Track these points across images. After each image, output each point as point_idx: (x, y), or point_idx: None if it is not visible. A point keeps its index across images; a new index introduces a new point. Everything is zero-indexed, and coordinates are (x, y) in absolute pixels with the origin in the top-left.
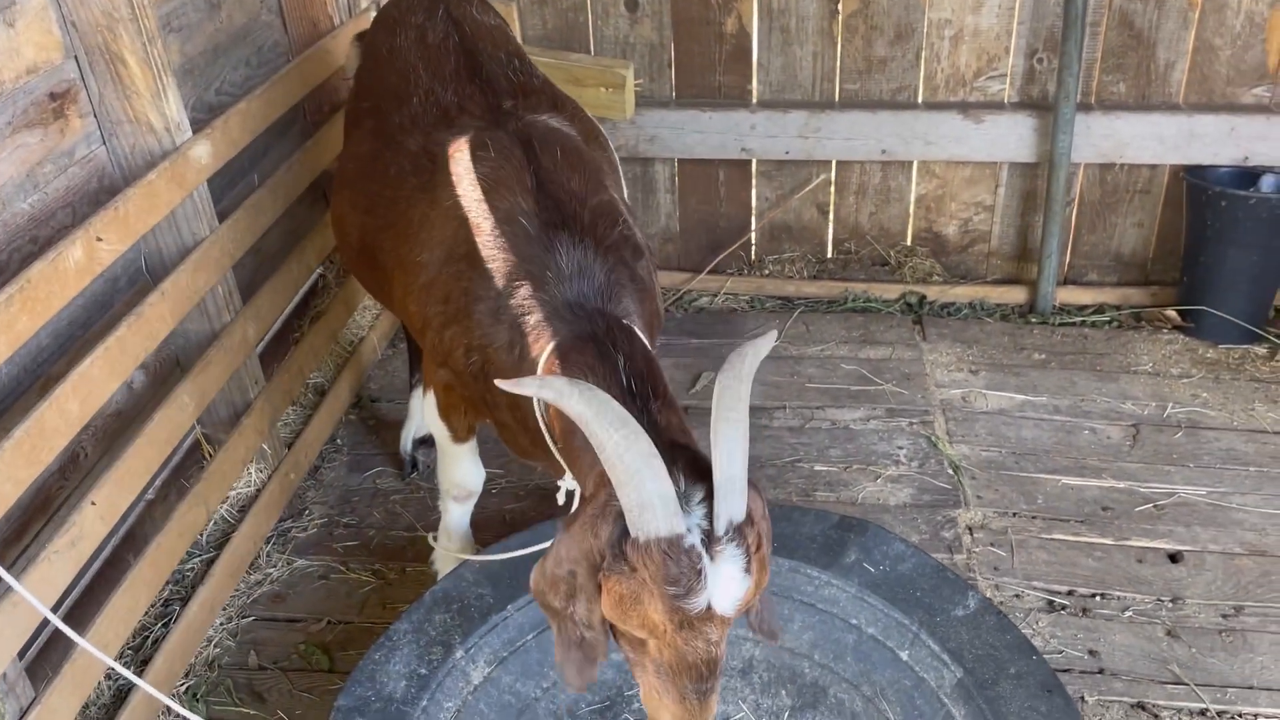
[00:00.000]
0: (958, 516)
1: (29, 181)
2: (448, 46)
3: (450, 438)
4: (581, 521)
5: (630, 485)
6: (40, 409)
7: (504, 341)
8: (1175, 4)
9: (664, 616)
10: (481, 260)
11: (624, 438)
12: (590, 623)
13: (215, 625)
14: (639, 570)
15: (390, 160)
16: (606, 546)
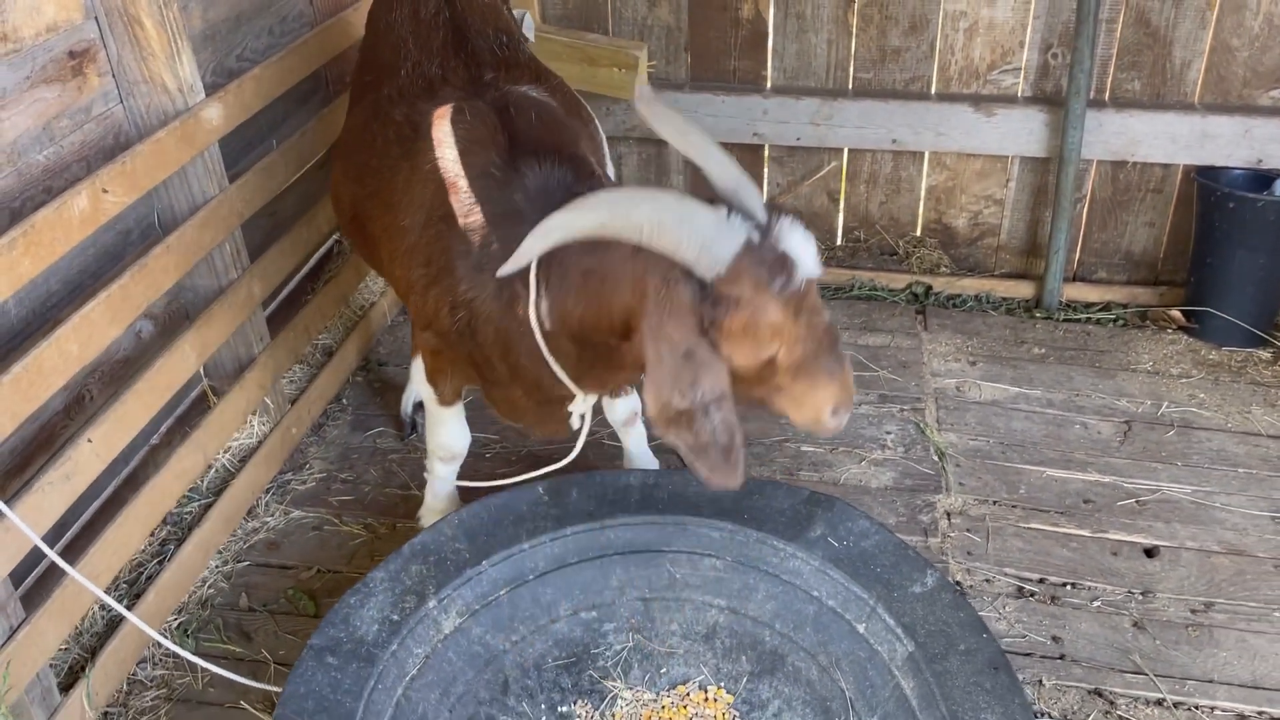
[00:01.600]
0: (937, 501)
1: (45, 134)
2: (438, 21)
3: (437, 400)
4: (661, 319)
5: (685, 233)
6: (39, 348)
7: (491, 290)
8: (1193, 3)
9: (781, 312)
10: (458, 218)
11: (652, 202)
12: (720, 391)
13: (211, 568)
14: (740, 293)
15: (378, 131)
16: (700, 305)
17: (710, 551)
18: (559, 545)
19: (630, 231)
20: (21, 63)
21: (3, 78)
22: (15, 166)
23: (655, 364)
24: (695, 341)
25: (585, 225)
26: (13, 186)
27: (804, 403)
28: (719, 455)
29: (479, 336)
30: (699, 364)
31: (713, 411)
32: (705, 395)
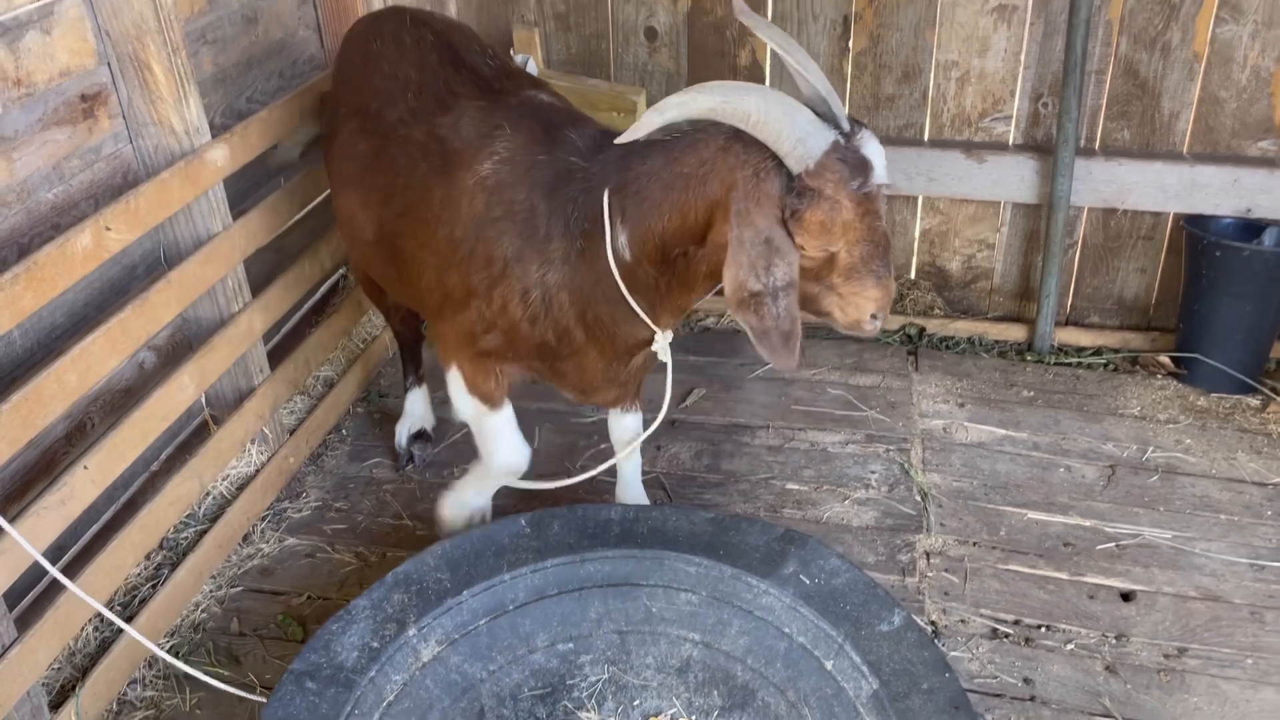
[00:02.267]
0: (917, 541)
1: (55, 173)
2: (425, 44)
3: (488, 409)
4: (749, 206)
5: (786, 125)
6: (39, 378)
7: (561, 254)
8: (1181, 56)
9: (854, 210)
10: (520, 213)
11: (760, 96)
12: (790, 278)
13: (205, 592)
14: (824, 187)
15: (397, 152)
16: (785, 195)
17: (686, 586)
18: (539, 577)
19: (737, 118)
20: (34, 106)
21: (15, 120)
22: (24, 204)
23: (737, 247)
24: (775, 229)
25: (700, 106)
26: (21, 223)
27: (851, 303)
28: (780, 339)
29: (554, 309)
30: (775, 250)
31: (781, 297)
32: (777, 280)
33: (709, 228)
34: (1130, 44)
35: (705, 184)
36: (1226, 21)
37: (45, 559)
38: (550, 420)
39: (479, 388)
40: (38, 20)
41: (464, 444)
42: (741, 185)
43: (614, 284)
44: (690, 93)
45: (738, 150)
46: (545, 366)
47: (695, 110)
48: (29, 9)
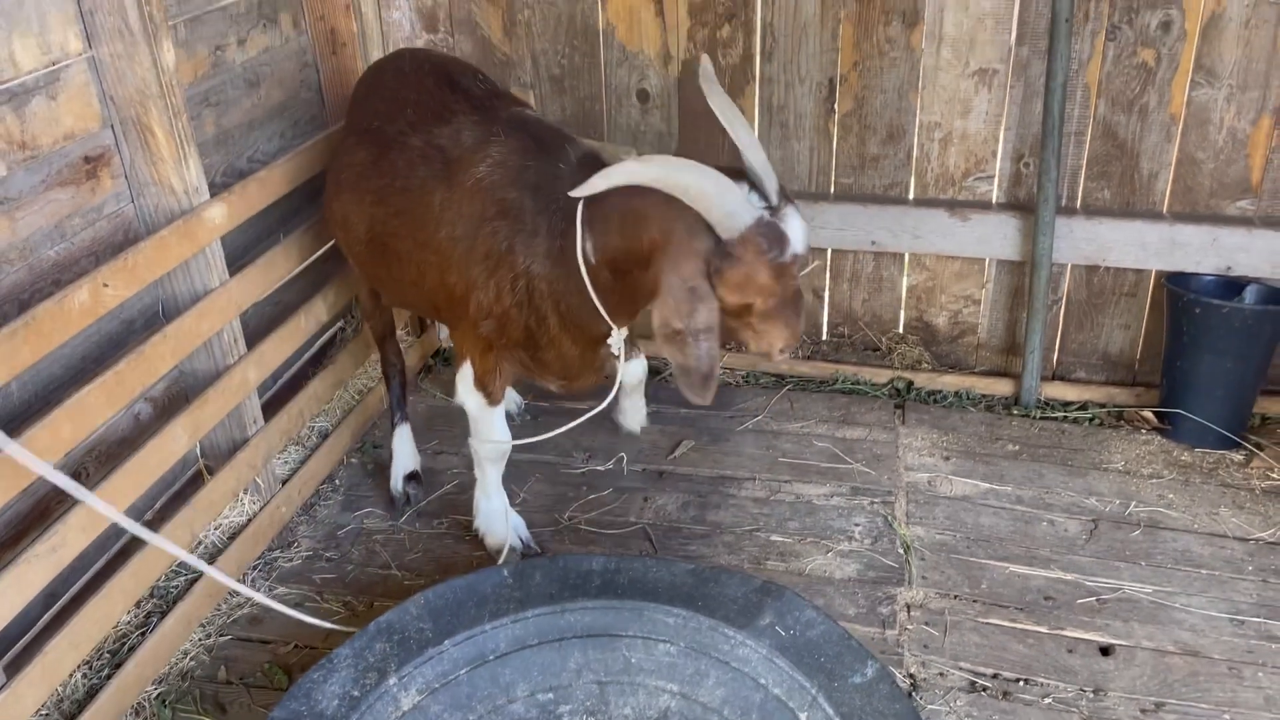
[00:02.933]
0: (898, 594)
1: (56, 232)
2: (424, 71)
3: (488, 402)
4: (678, 257)
5: (715, 202)
6: (33, 430)
7: (543, 250)
8: (1158, 118)
9: (769, 275)
10: (513, 211)
11: (697, 174)
12: (710, 323)
13: (193, 640)
14: (744, 254)
15: (396, 158)
16: (710, 255)
17: (665, 637)
18: (520, 627)
19: (677, 189)
20: (38, 167)
21: (20, 181)
22: (27, 261)
23: (665, 290)
24: (700, 281)
25: (644, 176)
26: (23, 280)
27: (763, 339)
28: (699, 378)
29: (535, 297)
30: (698, 298)
31: (701, 340)
32: (698, 324)
33: (650, 261)
34: (1108, 106)
35: (648, 227)
36: (1202, 85)
37: (35, 607)
38: (540, 471)
39: (485, 384)
40: (44, 86)
41: (454, 494)
42: (676, 238)
43: (583, 281)
44: (637, 163)
45: (678, 206)
46: (530, 356)
47: (641, 178)
48: (36, 75)
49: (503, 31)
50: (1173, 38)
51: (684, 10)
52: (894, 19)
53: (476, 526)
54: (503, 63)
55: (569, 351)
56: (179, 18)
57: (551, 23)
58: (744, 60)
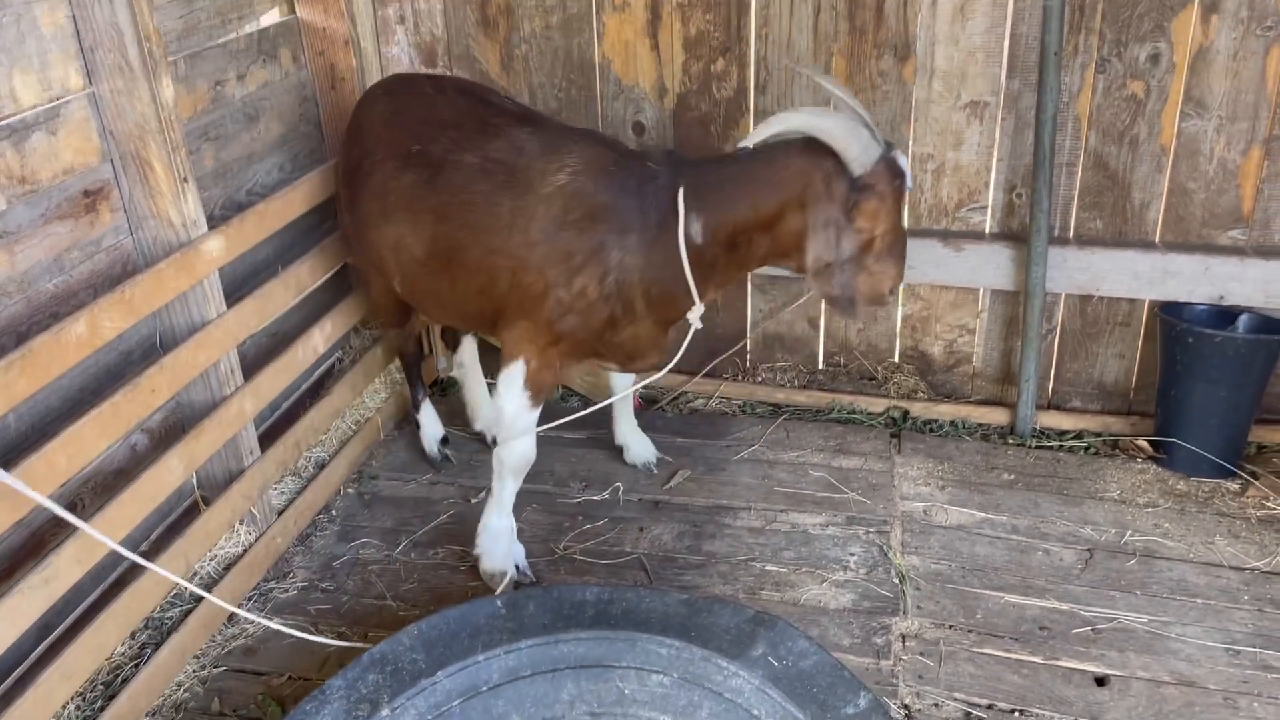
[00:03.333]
0: (893, 624)
1: (55, 265)
2: (449, 94)
3: (528, 404)
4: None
5: (852, 139)
6: (28, 460)
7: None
8: (1149, 149)
9: (894, 201)
10: (603, 211)
11: (836, 118)
12: (853, 251)
13: (188, 672)
14: (878, 184)
15: (452, 176)
16: (849, 191)
17: (658, 668)
18: (513, 658)
19: (820, 131)
20: (38, 201)
21: (19, 215)
22: (25, 294)
23: (814, 230)
24: (841, 217)
25: (796, 122)
26: (21, 312)
27: (877, 278)
28: (846, 301)
29: (625, 288)
30: (841, 230)
31: (846, 268)
32: (844, 253)
33: (778, 219)
34: (1099, 138)
35: (781, 186)
36: (1191, 116)
37: (28, 638)
38: (536, 501)
39: (538, 379)
40: (44, 122)
41: (450, 524)
42: (817, 184)
43: (679, 264)
44: (789, 112)
45: (812, 160)
46: (603, 342)
47: (793, 124)
48: (36, 111)
49: (500, 65)
50: (1162, 70)
51: (679, 44)
52: (886, 53)
53: (478, 546)
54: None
55: (645, 332)
56: (179, 54)
57: (549, 57)
58: (738, 93)
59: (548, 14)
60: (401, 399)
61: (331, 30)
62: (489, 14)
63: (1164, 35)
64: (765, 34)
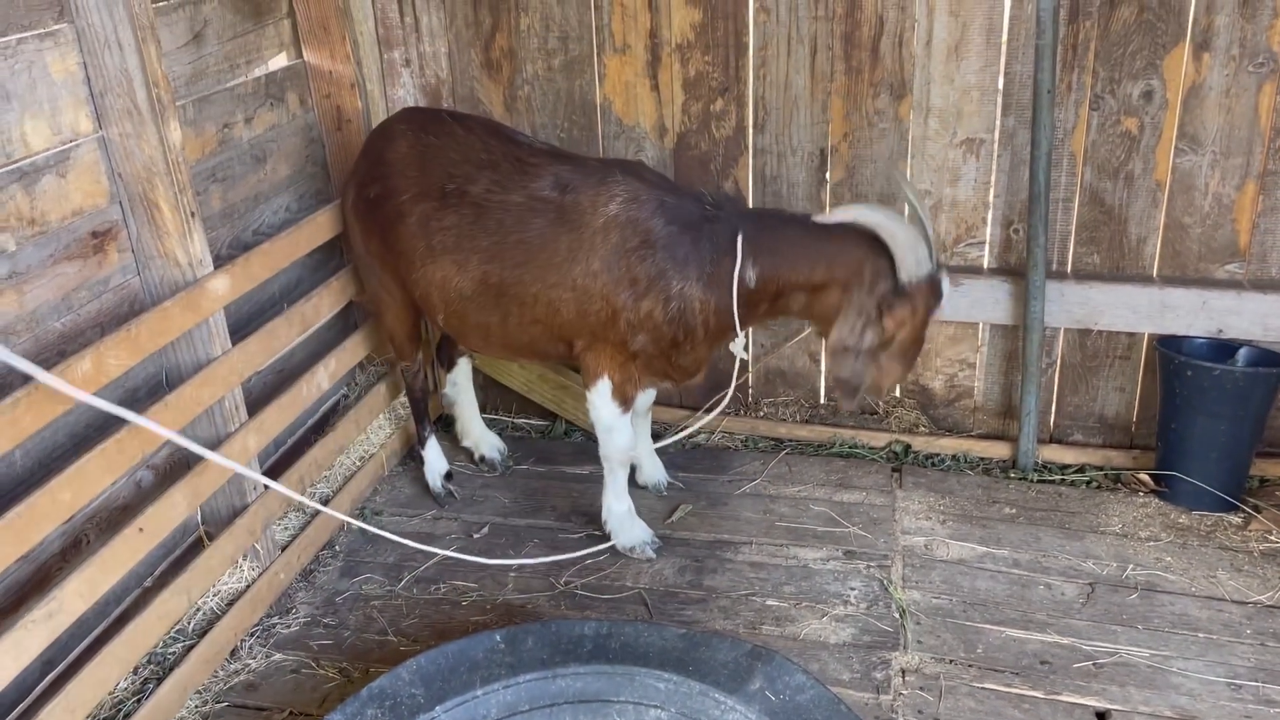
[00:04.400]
0: (893, 659)
1: (63, 304)
2: (478, 134)
3: (620, 413)
4: (865, 291)
5: (910, 251)
6: (34, 496)
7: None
8: (1144, 185)
9: (923, 319)
10: (660, 239)
11: (905, 228)
12: (871, 345)
13: (190, 707)
14: (917, 297)
15: (502, 217)
16: (889, 294)
17: (655, 702)
18: (511, 693)
19: (886, 233)
20: (46, 243)
21: (28, 256)
22: (33, 333)
23: (847, 314)
24: (874, 312)
25: (872, 220)
26: (29, 350)
27: (885, 374)
28: (849, 389)
29: (686, 314)
30: (870, 324)
31: (861, 357)
32: (864, 344)
33: (822, 290)
34: (1095, 174)
35: (835, 264)
36: (1186, 152)
37: (31, 672)
38: (539, 536)
39: (623, 391)
40: (54, 165)
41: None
42: (866, 275)
43: (729, 300)
44: (864, 207)
45: (869, 254)
46: (668, 361)
47: (868, 220)
48: (46, 155)
49: (504, 106)
50: (1155, 107)
51: (679, 85)
52: (882, 91)
53: (607, 528)
54: None
55: (702, 355)
56: (188, 98)
57: (551, 98)
58: (737, 132)
59: (550, 56)
60: (406, 434)
61: (338, 74)
62: (493, 56)
63: (1156, 73)
64: (763, 74)
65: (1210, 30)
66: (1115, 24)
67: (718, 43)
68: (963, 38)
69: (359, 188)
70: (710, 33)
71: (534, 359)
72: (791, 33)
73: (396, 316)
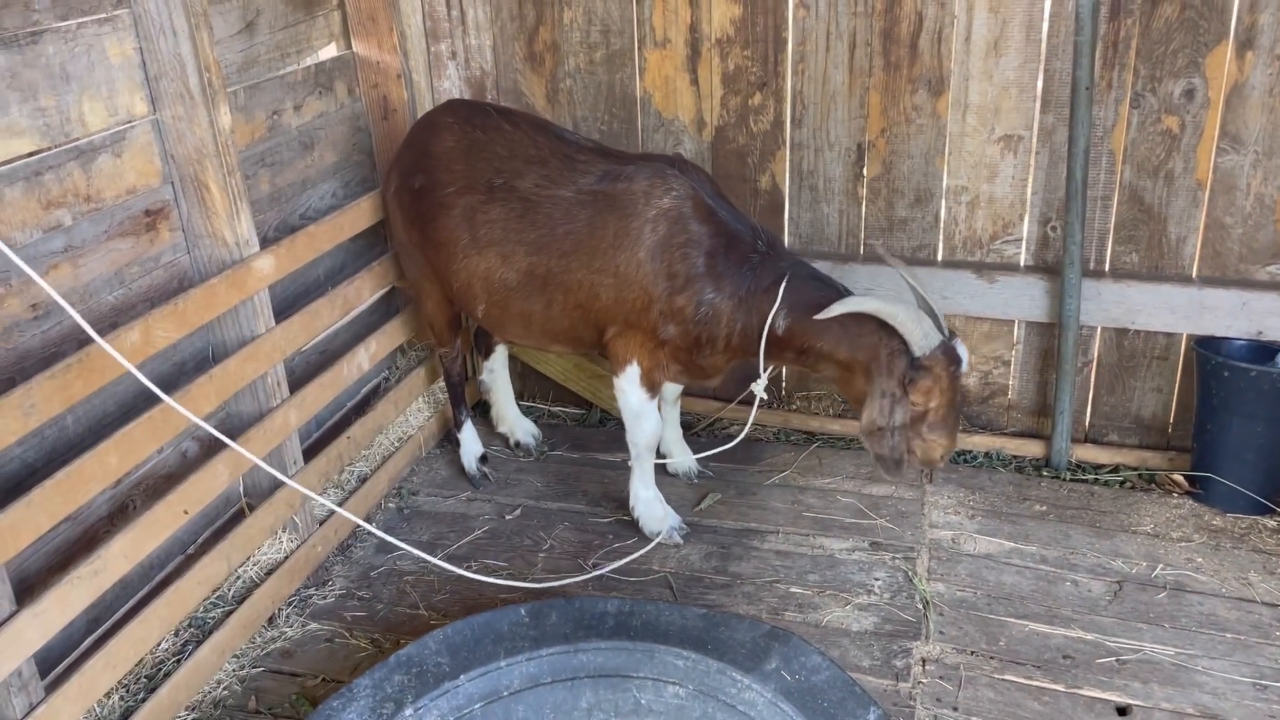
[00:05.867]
0: (914, 648)
1: (116, 278)
2: (523, 130)
3: (649, 398)
4: (885, 373)
5: (915, 325)
6: (82, 459)
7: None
8: (1184, 184)
9: (949, 384)
10: (704, 243)
11: (905, 309)
12: (903, 421)
13: (228, 670)
14: (935, 367)
15: (551, 210)
16: (908, 370)
17: (674, 679)
18: (534, 665)
19: (888, 317)
20: (101, 219)
21: (83, 231)
22: (86, 305)
23: (873, 397)
24: (898, 390)
25: (869, 307)
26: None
27: (930, 446)
28: (892, 463)
29: (711, 322)
30: (896, 402)
31: (896, 434)
32: (895, 422)
33: (847, 369)
34: (1134, 172)
35: (855, 347)
36: (1227, 152)
37: (78, 627)
38: (569, 520)
39: (651, 378)
40: (110, 145)
41: (484, 540)
42: (882, 358)
43: (756, 334)
44: (863, 299)
45: (884, 336)
46: (690, 357)
47: (868, 308)
48: (104, 135)
49: (546, 99)
50: (1196, 105)
51: (717, 79)
52: (920, 88)
53: (634, 513)
54: None
55: (721, 363)
56: (239, 84)
57: (592, 91)
58: (775, 127)
59: (592, 50)
60: (444, 418)
61: (385, 64)
62: (536, 50)
63: (1198, 71)
64: (802, 69)
65: (1254, 29)
66: (1157, 21)
67: (757, 38)
68: (1002, 34)
69: (402, 177)
70: (750, 28)
71: (569, 347)
72: (830, 28)
73: (436, 304)
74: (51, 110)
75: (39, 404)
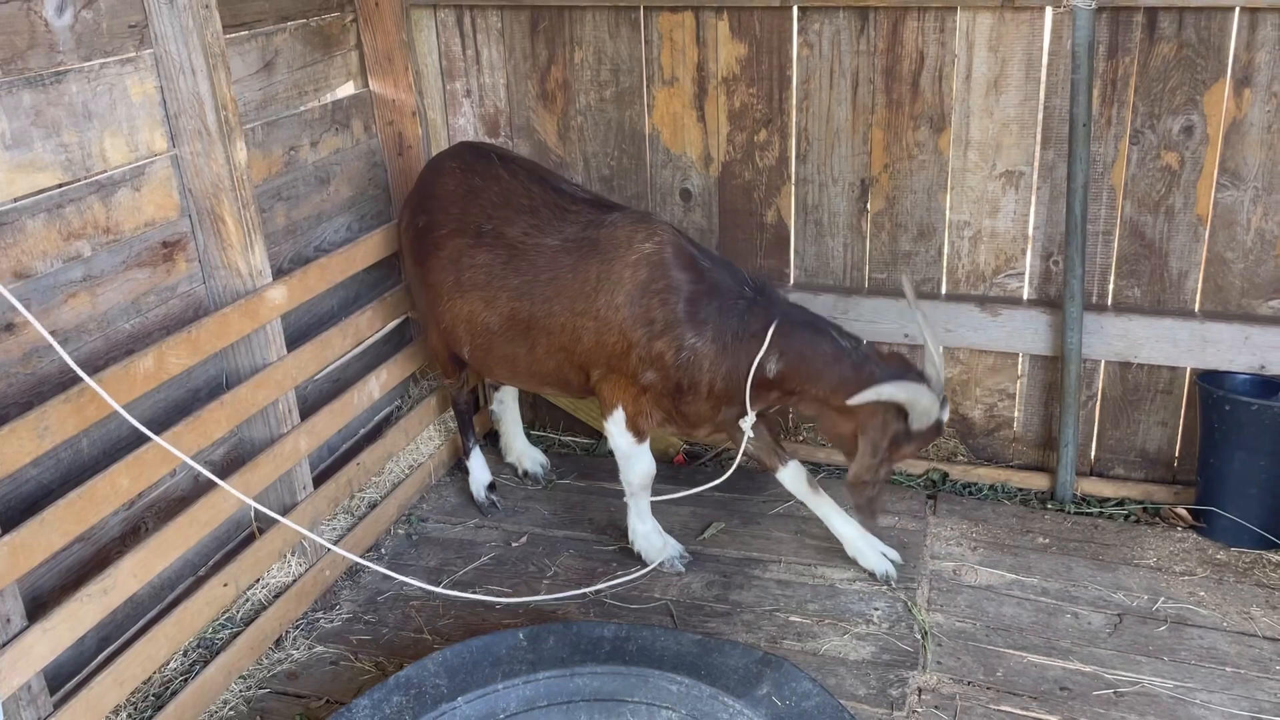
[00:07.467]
0: (911, 677)
1: (133, 307)
2: (519, 179)
3: (636, 441)
4: (882, 435)
5: (920, 406)
6: (94, 480)
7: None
8: (1185, 219)
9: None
10: (684, 290)
11: (926, 396)
12: (886, 475)
13: (234, 691)
14: (922, 437)
15: (534, 259)
16: (900, 436)
17: (667, 704)
18: (530, 688)
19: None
20: (119, 250)
21: (102, 261)
22: (104, 332)
23: (865, 454)
24: (886, 451)
25: (901, 397)
26: (99, 348)
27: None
28: (870, 513)
29: (692, 368)
30: (884, 461)
31: (878, 486)
32: (880, 476)
33: (838, 418)
34: (1134, 208)
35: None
36: (1227, 187)
37: (87, 645)
38: (574, 547)
39: (636, 424)
40: (130, 179)
41: (490, 566)
42: (880, 419)
43: (742, 378)
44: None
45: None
46: (672, 404)
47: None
48: (124, 169)
49: (558, 136)
50: (1195, 142)
51: (724, 116)
52: (922, 124)
53: (635, 547)
54: (557, 164)
55: (705, 412)
56: (256, 121)
57: (602, 128)
58: (780, 162)
59: (602, 88)
60: (454, 446)
61: (401, 102)
62: (548, 88)
63: (1196, 108)
64: (806, 106)
65: (1251, 66)
66: (1155, 59)
67: (762, 76)
68: (1002, 72)
69: (410, 215)
70: (755, 66)
71: (558, 389)
72: (834, 66)
73: (438, 337)
74: (74, 146)
75: (52, 426)
